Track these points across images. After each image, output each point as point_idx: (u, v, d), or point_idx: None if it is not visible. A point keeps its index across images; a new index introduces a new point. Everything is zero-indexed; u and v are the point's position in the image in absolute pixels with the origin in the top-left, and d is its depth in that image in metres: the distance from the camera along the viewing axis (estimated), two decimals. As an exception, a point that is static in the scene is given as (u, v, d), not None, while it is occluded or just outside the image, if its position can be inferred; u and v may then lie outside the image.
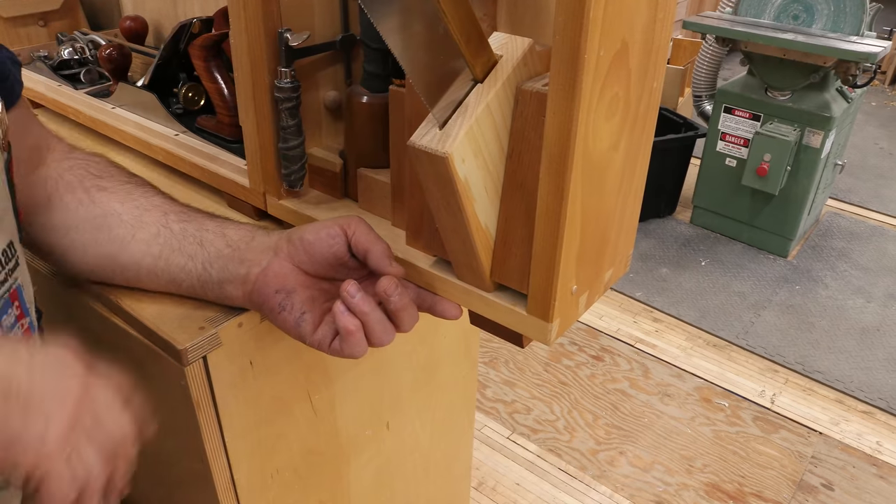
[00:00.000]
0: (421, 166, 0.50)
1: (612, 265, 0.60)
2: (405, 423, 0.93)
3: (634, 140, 0.54)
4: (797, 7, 2.41)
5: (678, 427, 1.93)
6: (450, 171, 0.48)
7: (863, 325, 2.34)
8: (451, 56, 0.48)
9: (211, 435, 0.66)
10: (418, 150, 0.49)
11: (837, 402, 2.03)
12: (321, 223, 0.59)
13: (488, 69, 0.50)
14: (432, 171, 0.49)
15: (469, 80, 0.50)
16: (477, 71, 0.49)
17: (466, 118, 0.48)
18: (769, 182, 2.50)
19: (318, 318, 0.59)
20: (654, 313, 2.38)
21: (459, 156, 0.48)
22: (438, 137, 0.48)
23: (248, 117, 0.67)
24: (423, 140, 0.49)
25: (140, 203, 0.65)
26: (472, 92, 0.49)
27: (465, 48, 0.47)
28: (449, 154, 0.47)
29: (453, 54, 0.48)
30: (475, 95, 0.49)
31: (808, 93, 2.44)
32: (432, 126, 0.49)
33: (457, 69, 0.50)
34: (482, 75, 0.49)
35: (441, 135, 0.48)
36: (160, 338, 0.61)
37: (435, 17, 0.45)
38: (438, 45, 0.48)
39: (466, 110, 0.49)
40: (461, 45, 0.47)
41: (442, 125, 0.49)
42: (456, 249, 0.55)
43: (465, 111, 0.49)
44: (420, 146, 0.48)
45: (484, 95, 0.49)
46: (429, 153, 0.48)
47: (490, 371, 2.10)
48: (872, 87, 4.70)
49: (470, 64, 0.48)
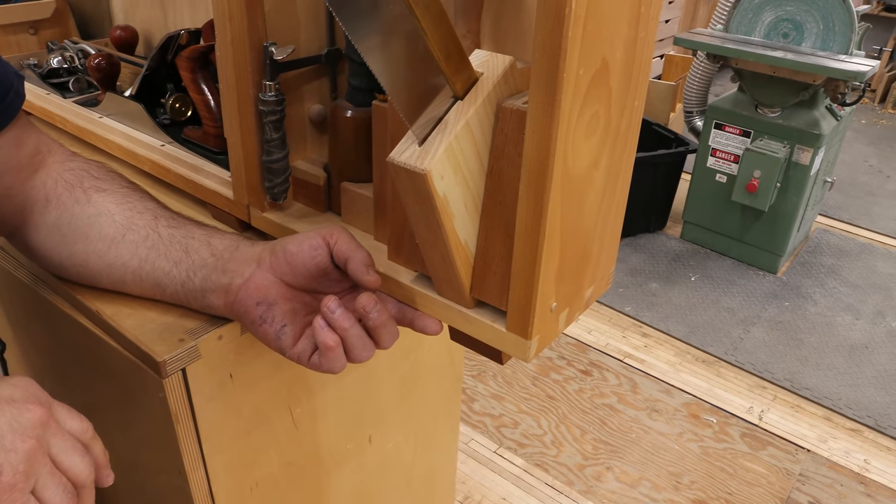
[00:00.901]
0: (400, 182, 0.50)
1: (594, 282, 0.60)
2: (388, 437, 0.93)
3: (616, 158, 0.55)
4: (787, 25, 2.43)
5: (666, 443, 1.93)
6: (428, 188, 0.48)
7: (851, 343, 2.35)
8: (431, 73, 0.48)
9: (189, 448, 0.65)
10: (397, 166, 0.49)
11: (825, 420, 2.03)
12: (304, 234, 0.59)
13: (469, 86, 0.50)
14: (412, 187, 0.50)
15: (449, 96, 0.50)
16: (457, 88, 0.49)
17: (446, 135, 0.48)
18: (759, 198, 2.51)
19: (299, 331, 0.58)
20: (644, 328, 2.38)
21: (438, 172, 0.48)
22: (418, 154, 0.48)
23: (232, 130, 0.67)
24: (402, 156, 0.49)
25: (134, 206, 0.65)
26: (452, 109, 0.50)
27: (446, 65, 0.47)
28: (427, 170, 0.47)
29: (433, 71, 0.48)
30: (455, 112, 0.49)
31: (798, 110, 2.46)
32: (412, 142, 0.49)
33: (437, 86, 0.50)
34: (463, 92, 0.50)
35: (420, 151, 0.48)
36: (139, 349, 0.61)
37: (415, 35, 0.45)
38: (418, 62, 0.48)
39: (446, 127, 0.49)
40: (441, 63, 0.47)
41: (421, 142, 0.49)
42: (436, 265, 0.55)
43: (444, 128, 0.49)
44: (399, 162, 0.49)
45: (464, 112, 0.49)
46: (408, 169, 0.48)
47: (478, 384, 2.09)
48: (862, 104, 4.74)
49: (450, 81, 0.48)
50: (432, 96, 0.50)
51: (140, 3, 1.14)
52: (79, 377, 0.77)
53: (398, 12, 0.45)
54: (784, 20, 2.43)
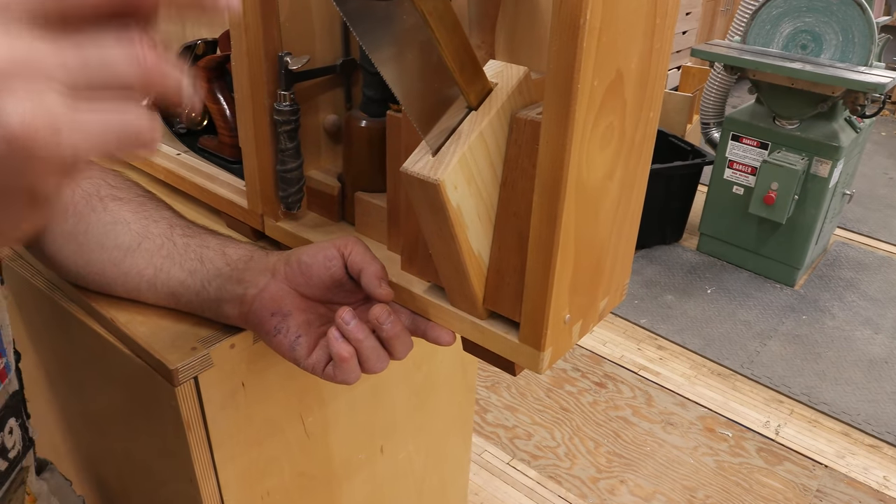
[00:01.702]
0: (414, 192, 0.50)
1: (608, 294, 0.59)
2: (399, 448, 0.92)
3: (630, 169, 0.54)
4: (805, 37, 2.42)
5: (680, 456, 1.91)
6: (442, 198, 0.48)
7: (870, 357, 2.32)
8: (445, 84, 0.48)
9: (201, 456, 0.65)
10: (411, 176, 0.49)
11: (844, 435, 2.00)
12: (318, 245, 0.59)
13: (483, 97, 0.50)
14: (425, 198, 0.49)
15: (463, 107, 0.50)
16: (471, 98, 0.49)
17: (460, 145, 0.48)
18: (776, 211, 2.49)
19: (314, 342, 0.58)
20: (659, 340, 2.37)
21: (451, 182, 0.48)
22: (431, 164, 0.48)
23: (247, 139, 0.67)
24: (415, 166, 0.49)
25: (150, 215, 0.66)
26: (465, 119, 0.49)
27: (460, 76, 0.47)
28: (441, 181, 0.47)
29: (447, 82, 0.48)
30: (469, 123, 0.49)
31: (816, 122, 2.44)
32: (425, 153, 0.49)
33: (451, 97, 0.50)
34: (477, 103, 0.49)
35: (434, 161, 0.48)
36: (152, 357, 0.61)
37: (429, 45, 0.45)
38: (432, 72, 0.48)
39: (460, 137, 0.49)
40: (455, 73, 0.47)
41: (435, 152, 0.49)
42: (449, 276, 0.54)
43: (458, 138, 0.49)
44: (412, 172, 0.48)
45: (478, 123, 0.49)
46: (421, 179, 0.48)
47: (491, 395, 2.08)
48: (882, 116, 4.69)
49: (464, 91, 0.48)
50: (446, 107, 0.50)
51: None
52: (92, 384, 0.77)
53: (412, 23, 0.45)
54: (802, 31, 2.42)
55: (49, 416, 0.91)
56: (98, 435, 0.84)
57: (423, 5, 0.43)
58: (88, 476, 0.92)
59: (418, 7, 0.43)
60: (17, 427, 0.64)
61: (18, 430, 0.64)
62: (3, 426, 0.61)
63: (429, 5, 0.43)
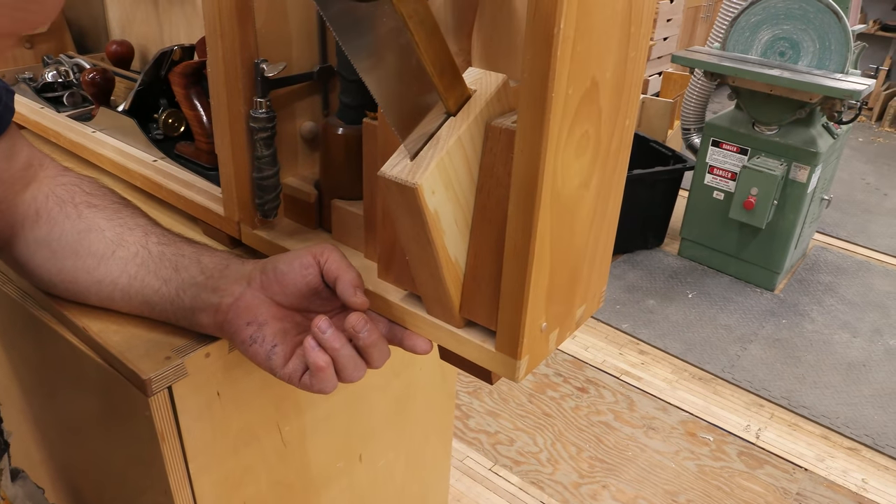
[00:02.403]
0: (391, 197, 0.50)
1: (584, 302, 0.59)
2: (378, 455, 0.92)
3: (607, 177, 0.54)
4: (784, 44, 2.44)
5: (662, 461, 1.91)
6: (419, 203, 0.48)
7: (849, 361, 2.34)
8: (424, 89, 0.48)
9: (175, 467, 0.64)
10: (388, 180, 0.48)
11: (823, 438, 2.02)
12: (294, 253, 0.59)
13: (461, 103, 0.50)
14: (403, 202, 0.49)
15: (442, 113, 0.50)
16: (450, 104, 0.49)
17: (438, 150, 0.48)
18: (756, 215, 2.51)
19: (290, 351, 0.58)
20: (641, 345, 2.38)
21: (429, 187, 0.48)
22: (409, 168, 0.48)
23: (223, 146, 0.66)
24: (393, 170, 0.48)
25: (125, 222, 0.65)
26: (444, 125, 0.49)
27: (439, 81, 0.47)
28: (419, 185, 0.47)
29: (426, 87, 0.48)
30: (447, 128, 0.49)
31: (795, 128, 2.47)
32: (403, 157, 0.49)
33: (430, 102, 0.50)
34: (455, 109, 0.49)
35: (412, 166, 0.48)
36: (125, 366, 0.60)
37: (409, 49, 0.45)
38: (412, 77, 0.48)
39: (438, 142, 0.48)
40: (434, 78, 0.47)
41: (413, 156, 0.48)
42: (425, 283, 0.54)
43: (436, 143, 0.49)
44: (390, 176, 0.48)
45: (456, 128, 0.49)
46: (399, 183, 0.48)
47: (473, 401, 2.08)
48: (859, 122, 4.75)
49: (443, 97, 0.48)
50: (425, 112, 0.50)
51: (136, 18, 1.14)
52: (66, 393, 0.76)
53: (393, 26, 0.45)
54: (781, 39, 2.44)
55: (22, 426, 0.89)
56: (72, 444, 0.83)
57: (404, 8, 0.43)
58: (63, 486, 0.90)
59: (398, 10, 0.43)
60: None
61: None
62: None
63: (409, 8, 0.43)
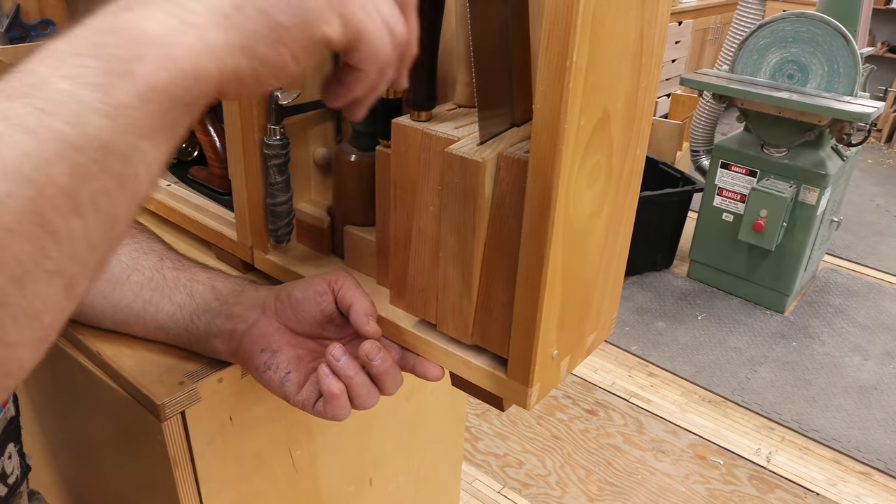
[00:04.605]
0: (449, 177, 0.51)
1: (595, 329, 0.60)
2: (389, 480, 0.92)
3: (618, 206, 0.55)
4: (792, 66, 2.45)
5: (672, 484, 1.90)
6: (479, 181, 0.49)
7: (860, 384, 2.32)
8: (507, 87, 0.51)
9: (187, 492, 0.64)
10: (453, 156, 0.50)
11: (834, 462, 2.00)
12: (309, 280, 0.59)
13: (525, 119, 0.53)
14: (460, 183, 0.50)
15: (509, 121, 0.52)
16: (516, 115, 0.52)
17: (502, 145, 0.50)
18: (765, 237, 2.50)
19: (303, 378, 0.58)
20: (650, 367, 2.37)
21: (490, 170, 0.49)
22: (475, 150, 0.50)
23: (237, 172, 0.67)
24: (460, 149, 0.50)
25: (140, 247, 0.66)
26: (509, 131, 0.52)
27: (517, 86, 0.51)
28: (485, 161, 0.48)
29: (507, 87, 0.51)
30: (510, 134, 0.52)
31: (804, 150, 2.47)
32: (469, 142, 0.51)
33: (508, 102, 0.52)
34: (520, 121, 0.52)
35: (477, 149, 0.50)
36: (138, 391, 0.61)
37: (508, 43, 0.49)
38: (506, 68, 0.51)
39: (502, 142, 0.51)
40: (514, 78, 0.49)
41: (480, 143, 0.50)
42: (450, 285, 0.54)
43: (501, 141, 0.51)
44: (457, 152, 0.50)
45: (515, 139, 0.51)
46: (464, 158, 0.49)
47: (482, 423, 2.07)
48: (869, 144, 4.75)
49: (514, 104, 0.51)
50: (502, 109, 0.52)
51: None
52: (78, 417, 0.76)
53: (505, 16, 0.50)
54: (789, 61, 2.45)
55: (35, 449, 0.90)
56: (84, 468, 0.83)
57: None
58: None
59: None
60: (15, 453, 0.63)
61: (16, 455, 0.63)
62: (3, 451, 0.60)
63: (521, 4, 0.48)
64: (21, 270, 0.27)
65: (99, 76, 0.29)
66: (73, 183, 0.27)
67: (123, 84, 0.29)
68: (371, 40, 0.37)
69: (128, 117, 0.29)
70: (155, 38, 0.30)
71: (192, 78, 0.31)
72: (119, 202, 0.30)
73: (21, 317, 0.27)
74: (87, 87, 0.28)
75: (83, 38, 0.30)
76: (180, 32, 0.31)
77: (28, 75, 0.28)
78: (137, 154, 0.30)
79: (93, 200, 0.28)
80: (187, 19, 0.31)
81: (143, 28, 0.30)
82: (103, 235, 0.30)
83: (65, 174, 0.27)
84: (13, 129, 0.26)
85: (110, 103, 0.28)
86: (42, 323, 0.29)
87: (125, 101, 0.29)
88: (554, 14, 0.41)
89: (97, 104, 0.28)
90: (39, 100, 0.27)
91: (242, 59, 0.33)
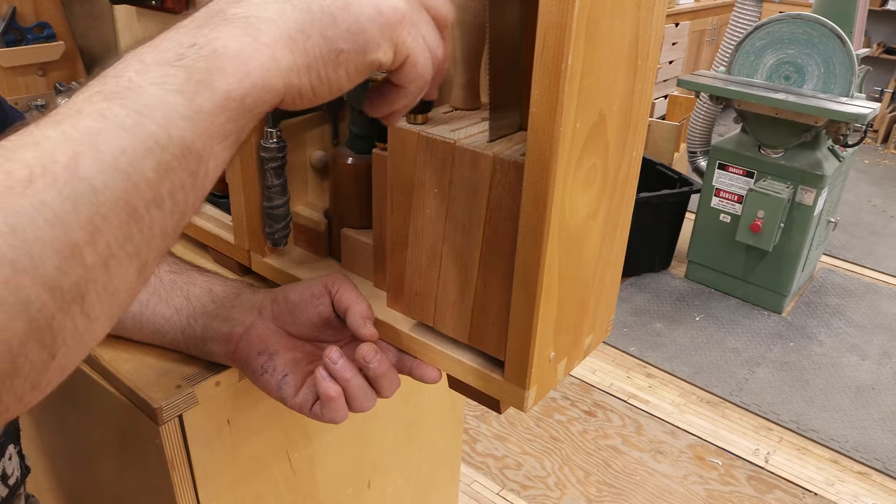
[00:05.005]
0: (457, 172, 0.51)
1: (592, 331, 0.60)
2: (387, 482, 0.92)
3: (614, 208, 0.55)
4: (788, 68, 2.45)
5: (671, 485, 1.90)
6: (488, 174, 0.49)
7: (858, 384, 2.32)
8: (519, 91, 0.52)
9: (185, 495, 0.64)
10: (462, 149, 0.50)
11: (833, 462, 2.00)
12: (305, 283, 0.59)
13: None
14: (468, 177, 0.50)
15: (518, 123, 0.53)
16: (525, 119, 0.51)
17: (512, 144, 0.50)
18: (763, 238, 2.51)
19: (300, 380, 0.58)
20: (648, 368, 2.37)
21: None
22: (484, 144, 0.50)
23: (234, 175, 0.67)
24: (469, 142, 0.50)
25: None
26: (518, 133, 0.53)
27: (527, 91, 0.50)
28: (495, 154, 0.49)
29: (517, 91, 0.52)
30: (518, 137, 0.52)
31: (801, 151, 2.47)
32: (480, 138, 0.51)
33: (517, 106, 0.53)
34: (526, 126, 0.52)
35: (488, 145, 0.50)
36: (136, 395, 0.61)
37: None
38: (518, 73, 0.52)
39: (510, 142, 0.51)
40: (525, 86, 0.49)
41: (490, 140, 0.51)
42: (450, 280, 0.54)
43: (509, 141, 0.51)
44: (465, 145, 0.50)
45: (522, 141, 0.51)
46: (473, 152, 0.50)
47: (481, 425, 2.07)
48: (865, 144, 4.76)
49: (524, 108, 0.51)
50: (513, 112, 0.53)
51: (148, 46, 1.16)
52: (75, 421, 0.76)
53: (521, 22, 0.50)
54: (785, 63, 2.46)
55: (32, 452, 0.90)
56: (81, 471, 0.83)
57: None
58: (71, 513, 0.90)
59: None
60: (15, 454, 0.63)
61: (16, 456, 0.63)
62: (3, 452, 0.60)
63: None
64: (109, 252, 0.30)
65: (184, 84, 0.32)
66: (158, 177, 0.31)
67: (205, 92, 0.33)
68: (416, 63, 0.42)
69: (206, 122, 0.33)
70: (234, 55, 0.34)
71: (262, 90, 0.35)
72: (191, 196, 0.34)
73: (103, 293, 0.30)
74: (175, 94, 0.32)
75: (167, 50, 0.33)
76: (255, 50, 0.35)
77: (120, 80, 0.32)
78: (210, 154, 0.34)
79: (171, 193, 0.32)
80: (261, 39, 0.35)
81: (223, 45, 0.34)
82: (175, 225, 0.33)
83: (152, 169, 0.31)
84: (111, 127, 0.30)
85: (193, 108, 0.32)
86: (118, 300, 0.31)
87: (205, 107, 0.33)
88: (549, 17, 0.41)
89: (182, 109, 0.32)
90: (135, 102, 0.31)
91: (305, 76, 0.37)
